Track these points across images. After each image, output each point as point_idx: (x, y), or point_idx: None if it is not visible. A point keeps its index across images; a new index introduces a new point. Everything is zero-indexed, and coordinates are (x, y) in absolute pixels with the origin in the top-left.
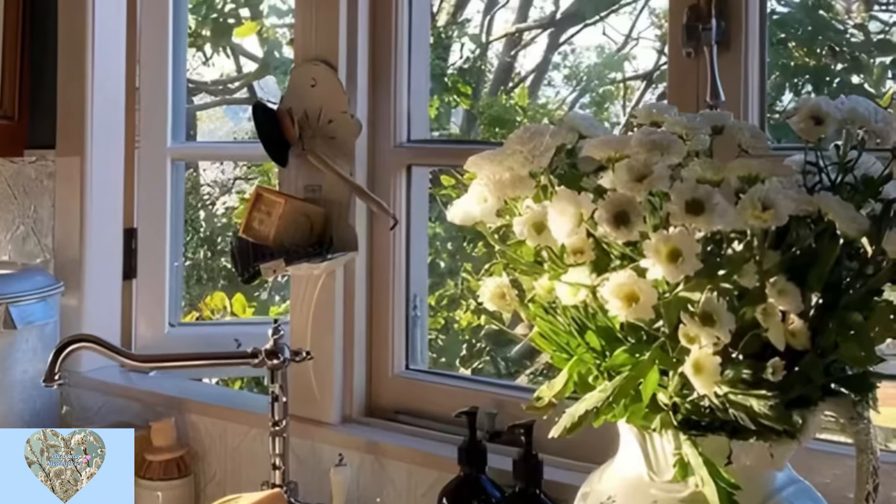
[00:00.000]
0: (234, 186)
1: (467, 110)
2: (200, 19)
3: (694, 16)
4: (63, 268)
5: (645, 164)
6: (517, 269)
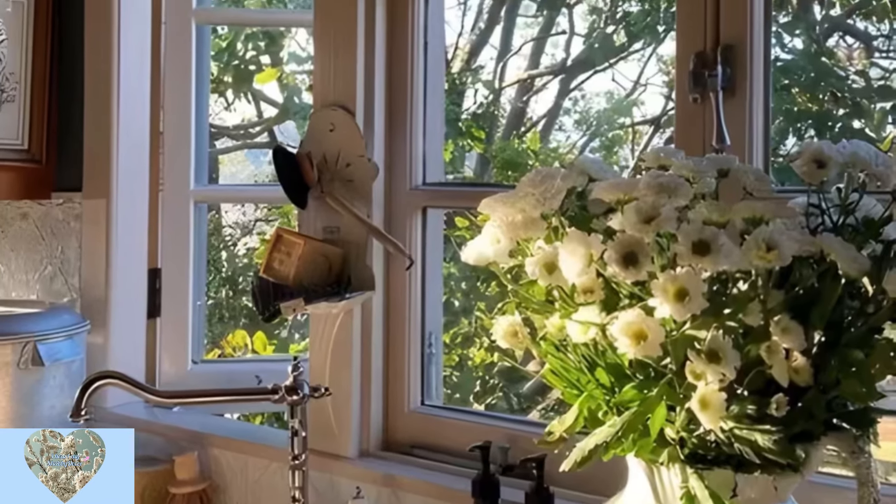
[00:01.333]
0: (255, 228)
1: (481, 154)
2: (222, 66)
3: (700, 63)
4: (89, 307)
5: (653, 207)
6: (529, 308)
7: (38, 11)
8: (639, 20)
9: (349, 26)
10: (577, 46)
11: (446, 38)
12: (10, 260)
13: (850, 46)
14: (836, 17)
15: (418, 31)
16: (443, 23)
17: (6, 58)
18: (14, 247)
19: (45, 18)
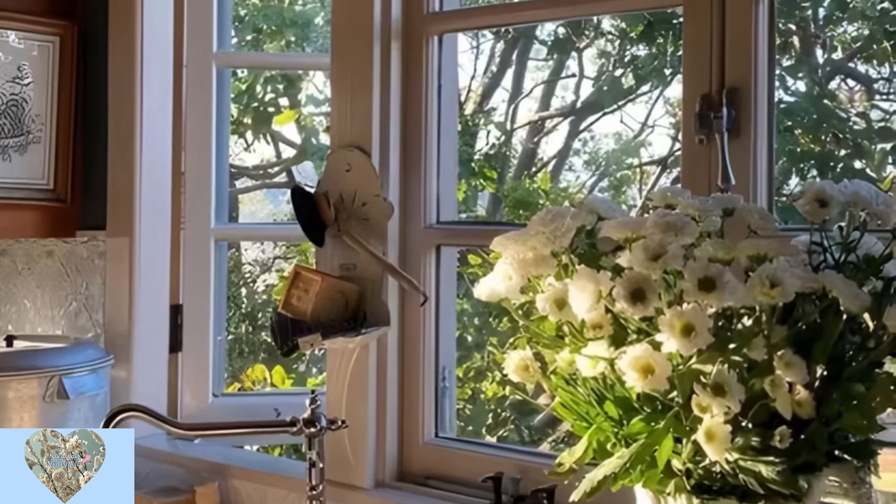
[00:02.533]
0: (274, 265)
1: (493, 193)
2: (242, 108)
3: (706, 105)
4: (113, 342)
5: (660, 245)
6: (540, 343)
7: (63, 55)
8: (646, 64)
9: (365, 70)
10: (587, 89)
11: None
12: (36, 296)
13: (851, 89)
14: (838, 61)
15: (432, 74)
16: (456, 66)
17: (32, 100)
18: (40, 283)
19: (70, 62)
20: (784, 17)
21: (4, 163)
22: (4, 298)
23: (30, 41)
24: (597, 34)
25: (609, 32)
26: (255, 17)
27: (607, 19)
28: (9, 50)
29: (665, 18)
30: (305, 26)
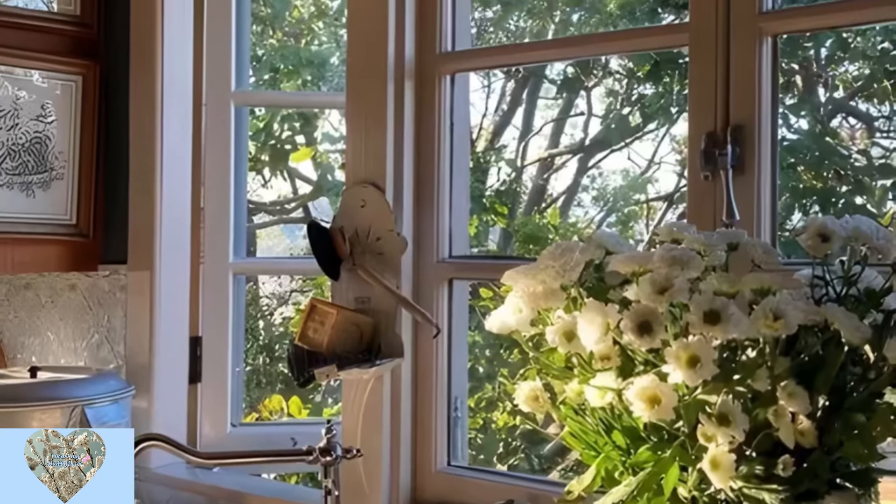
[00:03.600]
0: (291, 298)
1: (504, 228)
2: (260, 145)
3: (711, 142)
4: (134, 373)
5: (666, 278)
6: (549, 374)
7: (85, 94)
8: (653, 102)
9: (379, 108)
10: (595, 127)
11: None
12: (59, 329)
13: (852, 127)
14: (840, 100)
15: (445, 112)
16: (468, 105)
17: (55, 137)
18: (63, 316)
19: (92, 100)
20: (787, 56)
21: (28, 199)
22: (28, 331)
23: (53, 80)
24: (605, 73)
25: (617, 72)
26: (272, 56)
27: (615, 59)
28: (33, 89)
29: (671, 58)
30: (321, 66)
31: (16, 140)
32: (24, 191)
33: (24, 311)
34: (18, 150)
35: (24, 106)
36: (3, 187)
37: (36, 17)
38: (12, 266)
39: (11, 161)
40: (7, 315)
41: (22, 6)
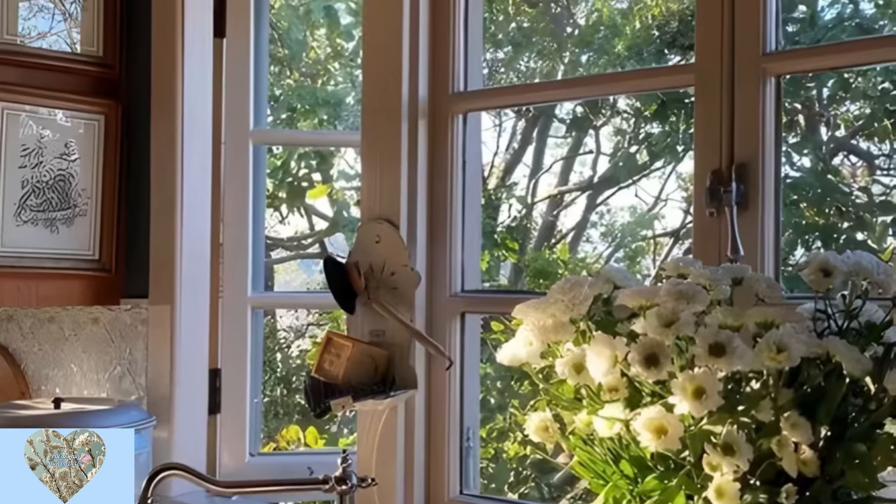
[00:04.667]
0: (308, 331)
1: (515, 264)
2: (277, 183)
3: (716, 180)
4: (155, 404)
5: (673, 312)
6: (559, 405)
7: (108, 132)
8: (660, 141)
9: (394, 146)
10: (603, 165)
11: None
12: (82, 361)
13: (853, 165)
14: (841, 138)
15: (457, 150)
16: (480, 143)
17: (79, 175)
18: (86, 349)
19: (114, 139)
20: (790, 96)
21: (52, 235)
22: (52, 363)
23: (76, 119)
24: (613, 113)
25: (624, 111)
26: (289, 96)
27: (623, 99)
28: (57, 128)
29: (677, 98)
30: (337, 105)
31: (40, 178)
32: (48, 227)
33: (49, 344)
34: (43, 188)
35: (48, 144)
36: (28, 224)
37: (60, 58)
38: (37, 300)
39: (36, 198)
40: (32, 347)
41: (46, 47)
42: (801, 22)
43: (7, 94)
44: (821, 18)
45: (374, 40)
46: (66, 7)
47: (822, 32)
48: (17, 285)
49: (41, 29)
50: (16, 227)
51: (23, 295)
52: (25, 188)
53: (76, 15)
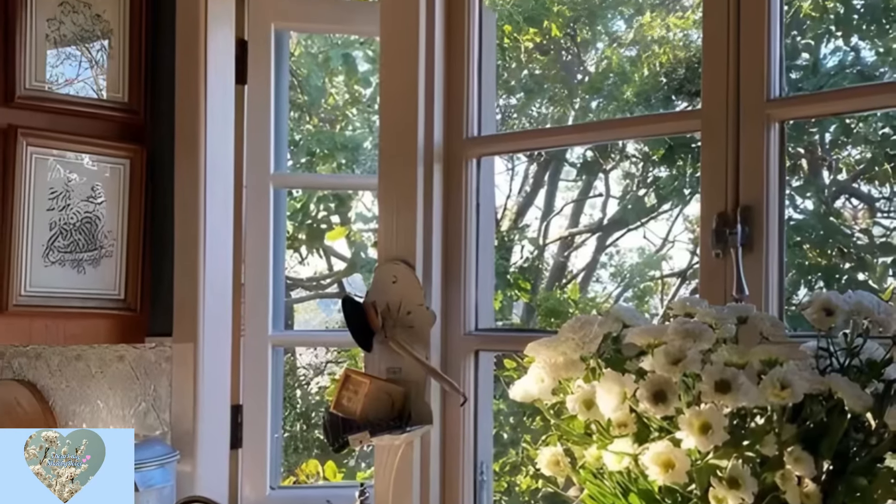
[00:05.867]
0: (326, 369)
1: (527, 303)
2: (297, 225)
3: (722, 222)
4: (179, 439)
5: (680, 350)
6: (570, 440)
7: (133, 176)
8: (667, 184)
9: (410, 189)
10: (613, 207)
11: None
12: (108, 397)
13: (855, 207)
14: (843, 182)
15: (471, 193)
16: (493, 186)
17: (105, 217)
18: (112, 385)
19: (139, 182)
20: (793, 141)
21: (79, 275)
22: (79, 399)
23: (103, 163)
24: (622, 157)
25: (633, 155)
26: (309, 141)
27: (631, 143)
28: (84, 171)
29: (684, 143)
30: (355, 150)
31: (67, 220)
32: (75, 268)
33: (76, 381)
34: (70, 230)
35: (75, 188)
36: (56, 264)
37: (87, 104)
38: (64, 338)
39: (63, 240)
40: (59, 384)
41: (73, 94)
42: (804, 69)
43: (36, 139)
44: (823, 66)
45: (390, 87)
46: (92, 55)
47: (825, 79)
48: (45, 324)
49: (69, 76)
50: (44, 267)
51: (51, 333)
52: (53, 230)
53: (102, 62)
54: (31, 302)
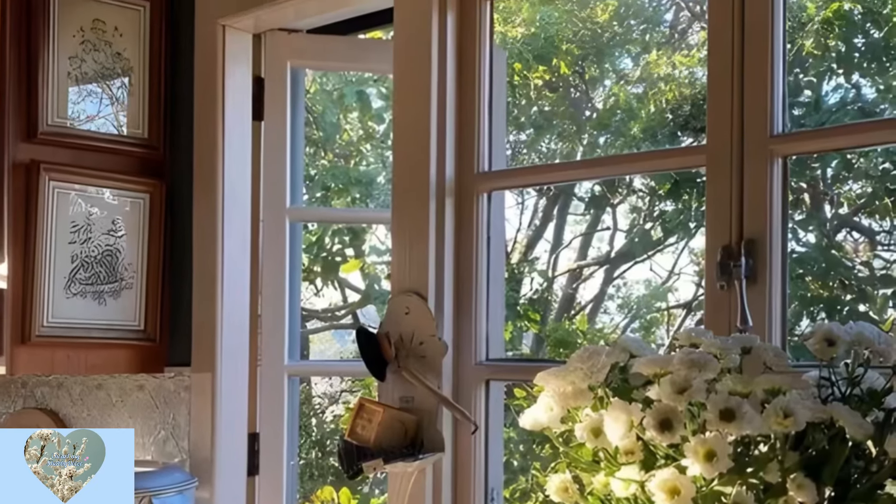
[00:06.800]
0: (341, 398)
1: (536, 334)
2: (312, 257)
3: (726, 255)
4: (197, 466)
5: (685, 379)
6: (578, 467)
7: (152, 210)
8: (673, 218)
9: (422, 223)
10: (620, 240)
11: (506, 233)
12: (128, 425)
13: (856, 240)
14: (844, 215)
15: (482, 227)
16: (503, 220)
17: (125, 250)
18: (132, 414)
19: (159, 216)
20: (796, 176)
21: (100, 307)
22: (100, 427)
23: (123, 198)
24: (629, 191)
25: (640, 190)
26: (324, 176)
27: (638, 178)
28: (105, 206)
29: (690, 178)
30: (369, 185)
31: (89, 253)
32: (96, 299)
33: (97, 410)
34: (91, 262)
35: (96, 221)
36: (78, 296)
37: (107, 140)
38: (86, 368)
39: (85, 272)
40: (81, 413)
41: (94, 130)
42: (806, 106)
43: (58, 174)
44: (825, 102)
45: (403, 123)
46: (113, 92)
47: (826, 116)
48: (67, 354)
49: (90, 112)
50: (66, 299)
51: (73, 363)
52: (75, 262)
53: (123, 99)
54: (53, 333)
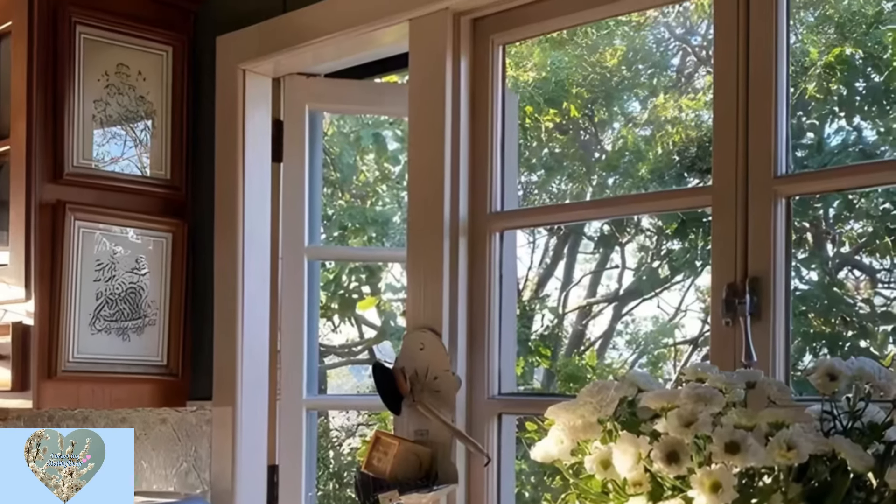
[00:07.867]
0: (358, 431)
1: (547, 369)
2: (330, 294)
3: (731, 292)
4: (218, 497)
5: (692, 413)
6: (588, 498)
7: (174, 249)
8: (679, 256)
9: (436, 262)
10: (628, 278)
11: (518, 271)
12: (151, 458)
13: (857, 278)
14: (846, 254)
15: (494, 265)
16: (515, 258)
17: (148, 288)
18: (155, 447)
19: (181, 254)
20: (799, 216)
21: (124, 342)
22: None
23: (146, 237)
24: (637, 231)
25: (647, 229)
26: (341, 216)
27: (646, 218)
28: (128, 245)
29: (696, 217)
30: (385, 224)
31: (113, 290)
32: (120, 335)
33: None
34: (115, 299)
35: (120, 260)
36: (102, 332)
37: (131, 181)
38: (110, 402)
39: (109, 309)
40: None
41: (118, 171)
42: (809, 148)
43: (83, 214)
44: (827, 144)
45: (418, 165)
46: (136, 134)
47: (829, 157)
48: (92, 389)
49: (114, 154)
50: (91, 335)
51: (97, 397)
52: (99, 300)
53: (146, 141)
54: (78, 368)
